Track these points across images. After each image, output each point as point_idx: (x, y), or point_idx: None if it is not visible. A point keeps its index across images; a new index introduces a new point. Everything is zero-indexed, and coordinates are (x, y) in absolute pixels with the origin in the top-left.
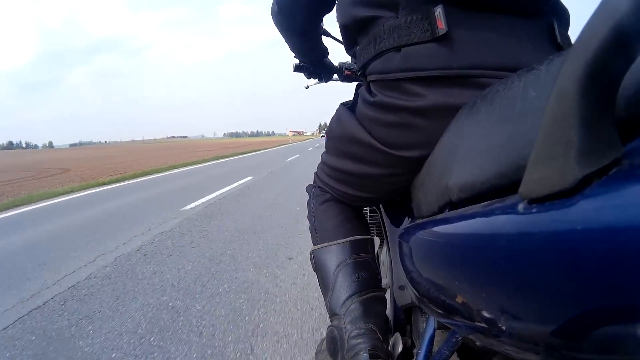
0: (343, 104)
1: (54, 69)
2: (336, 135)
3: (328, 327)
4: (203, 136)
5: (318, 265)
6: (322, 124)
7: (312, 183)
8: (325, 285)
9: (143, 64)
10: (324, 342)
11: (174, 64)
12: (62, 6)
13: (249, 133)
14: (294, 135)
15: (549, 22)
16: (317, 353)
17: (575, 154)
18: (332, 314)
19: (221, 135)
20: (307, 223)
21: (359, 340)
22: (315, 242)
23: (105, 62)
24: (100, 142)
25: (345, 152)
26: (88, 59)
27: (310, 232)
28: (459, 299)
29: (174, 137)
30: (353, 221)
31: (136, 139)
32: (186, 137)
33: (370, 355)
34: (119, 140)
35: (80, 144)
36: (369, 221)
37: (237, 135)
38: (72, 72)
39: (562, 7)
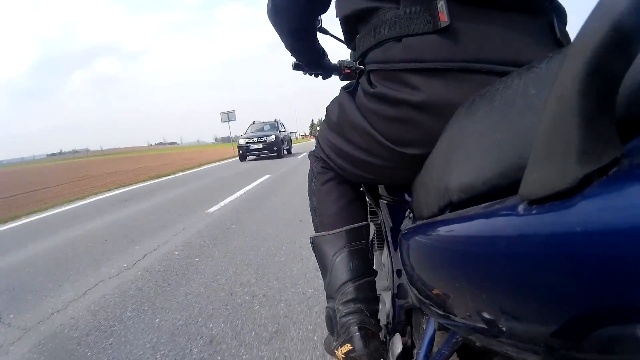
0: (344, 88)
1: (41, 78)
2: (337, 117)
3: (325, 308)
4: (198, 141)
5: (317, 251)
6: (315, 122)
7: (314, 151)
8: (324, 269)
9: (135, 70)
10: (325, 322)
11: (167, 70)
12: (50, 11)
13: None
14: None
15: (549, 19)
16: (325, 340)
17: (575, 153)
18: (329, 297)
19: (213, 140)
20: None
21: (349, 317)
22: (315, 227)
23: (95, 68)
24: (88, 149)
25: (346, 136)
26: (75, 65)
27: (311, 212)
28: (459, 300)
29: (162, 143)
30: (352, 207)
31: (120, 147)
32: (175, 143)
33: (359, 328)
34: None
35: (61, 153)
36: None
37: (229, 140)
38: (62, 78)
39: (559, 4)
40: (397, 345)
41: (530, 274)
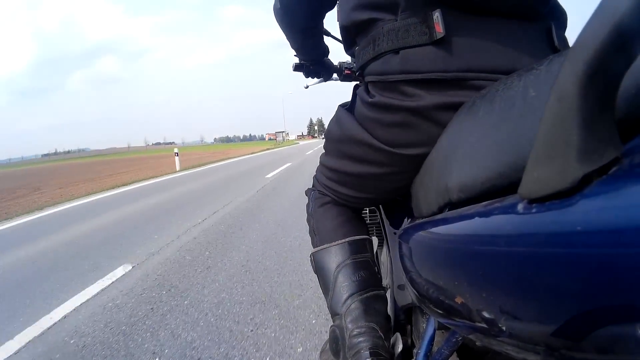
0: (341, 106)
1: (38, 77)
2: (336, 136)
3: (330, 327)
4: (183, 142)
5: (318, 267)
6: (313, 122)
7: (311, 187)
8: (325, 286)
9: (133, 70)
10: (328, 342)
11: (164, 70)
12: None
13: (241, 137)
14: (269, 140)
15: (547, 25)
16: (321, 353)
17: (575, 153)
18: (334, 314)
19: (212, 140)
20: None
21: (360, 339)
22: (314, 245)
23: (92, 68)
24: (84, 149)
25: (345, 153)
26: (72, 65)
27: (310, 235)
28: (459, 299)
29: (159, 143)
30: (352, 222)
31: (118, 146)
32: (173, 142)
33: (371, 354)
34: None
35: (56, 153)
36: (368, 221)
37: (228, 140)
38: (59, 77)
39: (559, 9)
40: (397, 344)
41: (530, 273)
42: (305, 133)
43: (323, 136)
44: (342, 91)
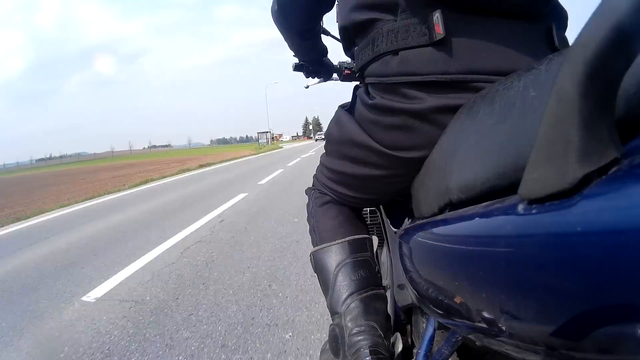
0: (341, 107)
1: (32, 80)
2: (336, 138)
3: (330, 326)
4: (169, 145)
5: (318, 266)
6: (309, 120)
7: (311, 186)
8: (325, 285)
9: (128, 71)
10: (327, 342)
11: (160, 72)
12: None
13: (238, 139)
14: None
15: (548, 26)
16: (321, 352)
17: (574, 153)
18: (333, 313)
19: (207, 142)
20: None
21: (359, 338)
22: (314, 244)
23: (85, 71)
24: (81, 153)
25: (345, 155)
26: (65, 68)
27: (310, 234)
28: (459, 299)
29: (155, 146)
30: (352, 221)
31: (116, 149)
32: (169, 145)
33: (371, 352)
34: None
35: (51, 158)
36: (369, 222)
37: (224, 141)
38: (53, 80)
39: (560, 9)
40: (397, 344)
41: (530, 273)
42: (300, 133)
43: (317, 137)
44: (342, 90)
